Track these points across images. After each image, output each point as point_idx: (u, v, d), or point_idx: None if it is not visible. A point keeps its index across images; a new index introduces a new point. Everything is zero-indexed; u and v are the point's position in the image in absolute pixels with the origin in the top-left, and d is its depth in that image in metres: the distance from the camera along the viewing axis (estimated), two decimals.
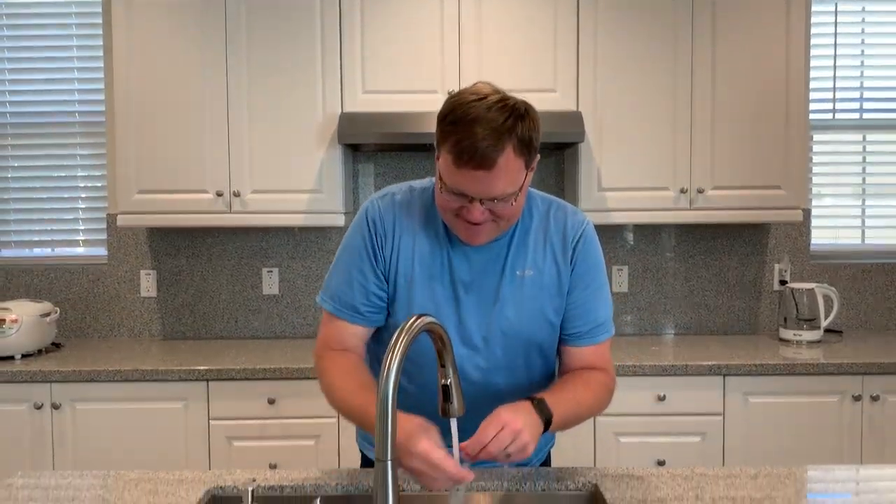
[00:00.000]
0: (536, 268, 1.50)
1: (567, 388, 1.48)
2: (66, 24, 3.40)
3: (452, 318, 1.49)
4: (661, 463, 2.76)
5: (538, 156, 1.42)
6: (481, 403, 1.51)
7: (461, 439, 1.54)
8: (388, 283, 1.50)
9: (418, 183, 1.57)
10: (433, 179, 1.53)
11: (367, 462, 1.72)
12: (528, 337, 1.52)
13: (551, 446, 1.77)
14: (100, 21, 3.36)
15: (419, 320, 1.11)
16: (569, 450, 2.76)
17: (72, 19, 3.41)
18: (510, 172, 1.32)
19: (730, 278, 3.42)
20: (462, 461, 1.25)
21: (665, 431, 2.78)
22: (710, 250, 3.41)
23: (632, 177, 3.02)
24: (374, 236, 1.49)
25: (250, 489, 1.03)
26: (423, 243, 1.49)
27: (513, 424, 1.26)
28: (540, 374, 1.58)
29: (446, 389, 1.19)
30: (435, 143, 1.39)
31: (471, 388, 1.49)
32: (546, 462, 1.75)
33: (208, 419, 2.77)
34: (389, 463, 1.01)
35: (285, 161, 3.00)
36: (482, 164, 1.29)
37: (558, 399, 1.40)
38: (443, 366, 1.20)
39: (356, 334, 1.52)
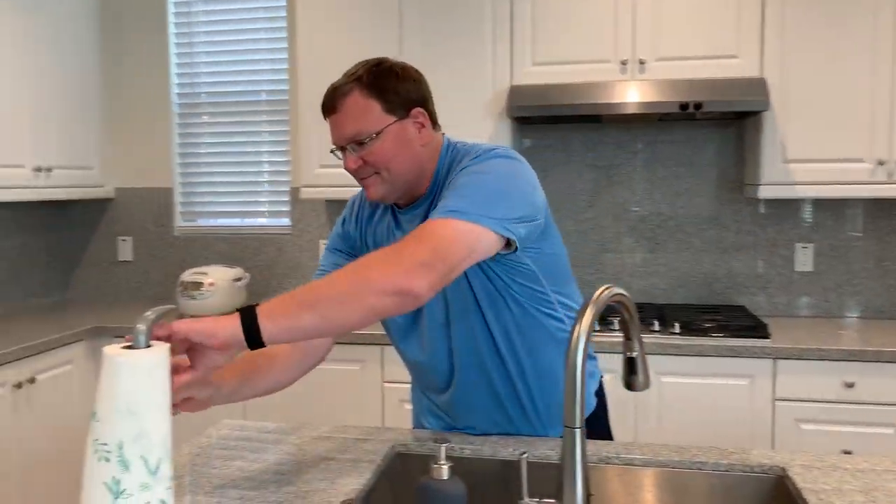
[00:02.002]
0: None
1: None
2: (255, 10, 3.64)
3: None
4: (847, 453, 2.58)
5: (419, 109, 1.45)
6: (445, 370, 1.53)
7: (462, 411, 1.57)
8: None
9: None
10: None
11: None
12: (466, 287, 1.45)
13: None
14: (284, 3, 3.56)
15: (606, 291, 1.10)
16: (745, 433, 2.65)
17: (259, 13, 3.63)
18: (357, 113, 1.41)
19: None
20: None
21: (853, 420, 2.60)
22: None
23: (821, 148, 2.81)
24: (344, 219, 1.64)
25: (444, 446, 1.07)
26: (376, 224, 1.58)
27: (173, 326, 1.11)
28: (513, 322, 1.49)
29: (632, 362, 1.18)
30: None
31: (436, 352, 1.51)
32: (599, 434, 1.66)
33: (382, 382, 2.91)
34: (578, 431, 1.02)
35: (454, 136, 3.04)
36: (329, 109, 1.44)
37: (282, 298, 1.18)
38: (628, 339, 1.18)
39: None
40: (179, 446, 1.55)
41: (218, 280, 3.19)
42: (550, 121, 3.25)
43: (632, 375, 1.19)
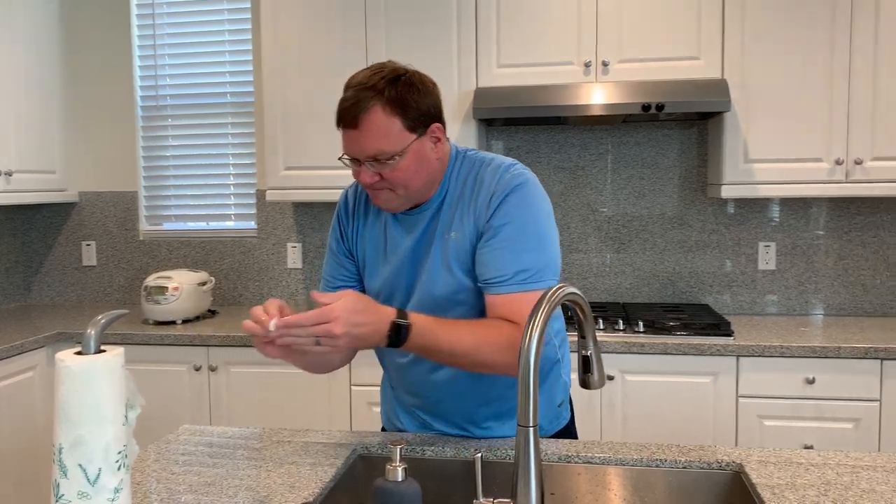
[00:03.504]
0: (461, 230, 1.47)
1: (458, 321, 1.42)
2: (219, 12, 3.61)
3: (397, 288, 1.53)
4: (808, 448, 2.62)
5: (437, 124, 1.44)
6: (430, 372, 1.53)
7: (439, 411, 1.58)
8: (355, 260, 1.61)
9: None
10: None
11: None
12: (455, 299, 1.48)
13: (558, 425, 1.67)
14: (248, 5, 3.54)
15: (559, 290, 1.11)
16: (709, 430, 2.69)
17: (223, 15, 3.60)
18: (379, 131, 1.37)
19: (890, 256, 3.18)
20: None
21: (814, 416, 2.64)
22: (867, 226, 3.18)
23: (782, 148, 2.86)
24: (339, 218, 1.62)
25: (399, 448, 1.07)
26: (371, 222, 1.57)
27: (331, 310, 1.27)
28: None
29: (586, 361, 1.19)
30: None
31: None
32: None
33: (350, 385, 2.90)
34: (531, 430, 1.02)
35: None
36: (350, 122, 1.39)
37: (435, 322, 1.36)
38: (583, 337, 1.19)
39: None
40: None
41: (182, 284, 3.16)
42: (516, 123, 3.27)
43: (587, 374, 1.20)
